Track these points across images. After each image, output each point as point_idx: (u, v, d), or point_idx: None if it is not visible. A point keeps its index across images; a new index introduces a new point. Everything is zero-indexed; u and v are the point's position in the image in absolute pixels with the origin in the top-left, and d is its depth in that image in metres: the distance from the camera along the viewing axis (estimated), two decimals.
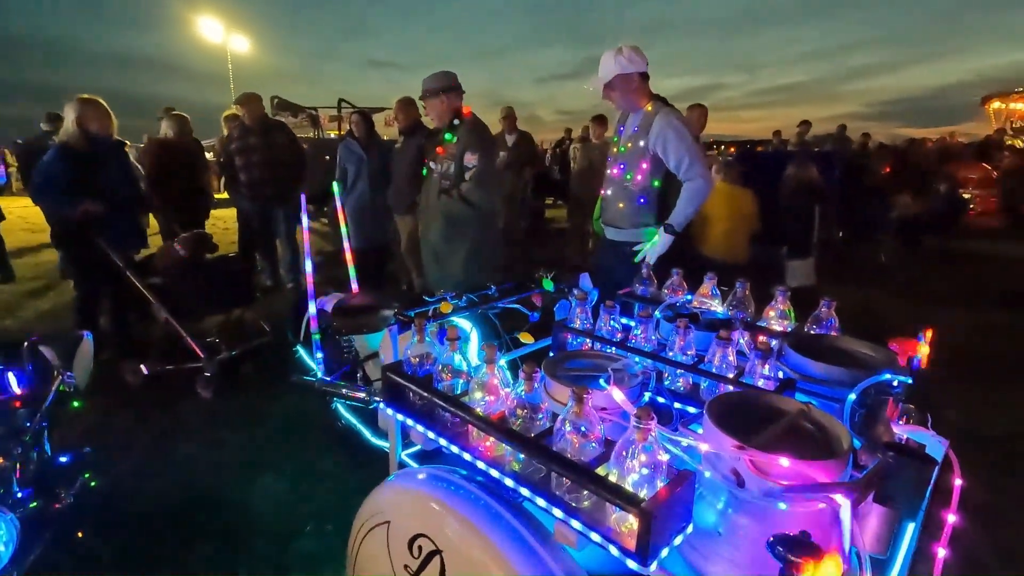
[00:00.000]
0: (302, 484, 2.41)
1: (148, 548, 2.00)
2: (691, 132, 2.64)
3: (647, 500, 0.82)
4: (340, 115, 9.57)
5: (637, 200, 2.69)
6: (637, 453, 0.87)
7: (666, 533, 0.84)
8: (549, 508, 0.95)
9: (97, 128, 3.23)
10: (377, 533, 1.21)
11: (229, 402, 3.14)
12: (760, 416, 1.01)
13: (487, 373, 1.11)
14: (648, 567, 0.82)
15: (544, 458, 0.95)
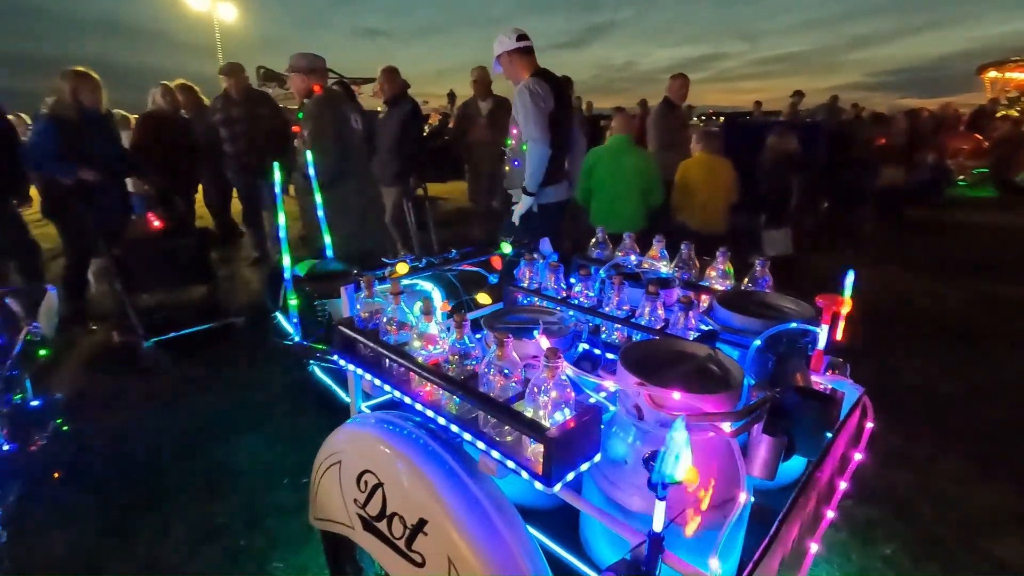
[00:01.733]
0: (279, 443, 2.52)
1: (124, 496, 2.12)
2: (539, 100, 2.89)
3: (552, 429, 0.92)
4: None
5: (513, 163, 3.10)
6: (547, 390, 0.96)
7: (570, 459, 0.94)
8: (474, 442, 1.05)
9: (89, 100, 3.32)
10: (332, 472, 1.32)
11: (213, 368, 3.24)
12: (671, 361, 1.10)
13: (425, 324, 1.20)
14: (552, 488, 0.92)
15: (467, 394, 1.04)
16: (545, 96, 2.90)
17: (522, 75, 2.97)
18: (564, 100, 3.10)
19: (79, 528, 1.93)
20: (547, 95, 2.91)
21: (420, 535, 1.07)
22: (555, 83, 3.02)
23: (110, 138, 3.56)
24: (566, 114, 3.15)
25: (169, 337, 3.29)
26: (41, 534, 1.61)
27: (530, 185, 2.98)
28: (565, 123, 3.11)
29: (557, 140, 2.99)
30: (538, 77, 2.95)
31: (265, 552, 1.89)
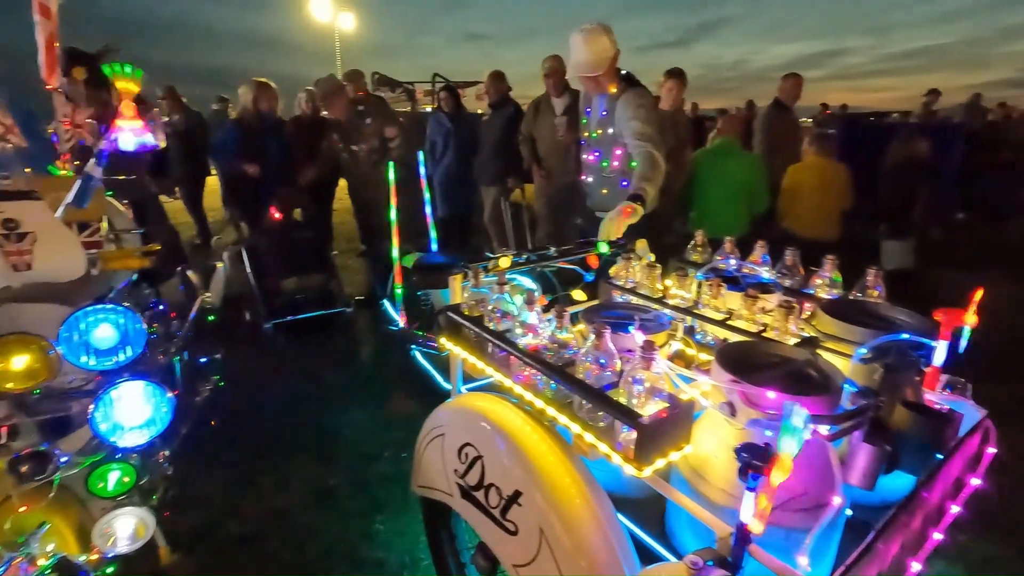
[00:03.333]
0: (382, 419, 2.75)
1: (253, 451, 2.43)
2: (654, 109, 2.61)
3: (646, 417, 0.97)
4: (434, 89, 9.95)
5: (620, 185, 2.67)
6: (641, 380, 1.01)
7: (661, 447, 0.99)
8: (569, 424, 1.12)
9: (266, 106, 3.83)
10: (435, 444, 1.45)
11: (330, 347, 3.57)
12: (767, 363, 1.11)
13: (528, 313, 1.29)
14: (642, 473, 0.98)
15: (565, 380, 1.11)
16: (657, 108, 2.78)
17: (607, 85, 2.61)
18: None
19: (221, 472, 2.25)
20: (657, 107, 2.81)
21: (515, 506, 1.16)
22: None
23: (281, 140, 4.04)
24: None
25: (287, 320, 3.67)
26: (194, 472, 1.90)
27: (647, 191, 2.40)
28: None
29: None
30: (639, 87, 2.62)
31: (369, 514, 2.09)
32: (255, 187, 3.81)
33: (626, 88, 2.58)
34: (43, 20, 2.01)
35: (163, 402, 1.21)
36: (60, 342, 1.15)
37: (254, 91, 3.87)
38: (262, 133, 3.84)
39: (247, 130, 3.84)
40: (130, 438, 1.17)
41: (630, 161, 2.61)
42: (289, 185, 3.87)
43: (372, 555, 1.91)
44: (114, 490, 1.26)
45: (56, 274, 1.25)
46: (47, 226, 1.21)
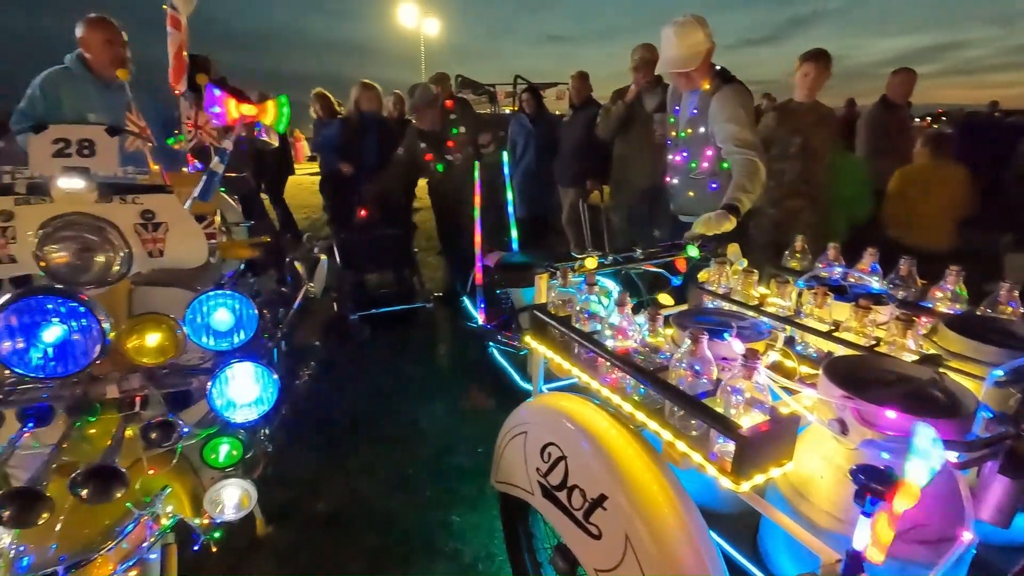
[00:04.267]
0: (459, 413, 2.81)
1: (339, 435, 2.56)
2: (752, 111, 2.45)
3: (746, 429, 0.93)
4: (515, 91, 10.03)
5: (708, 187, 2.53)
6: (742, 390, 0.97)
7: (762, 462, 0.94)
8: (659, 431, 1.09)
9: (368, 107, 4.05)
10: (517, 441, 1.46)
11: (410, 340, 3.70)
12: (883, 380, 1.03)
13: (618, 315, 1.27)
14: (740, 487, 0.93)
15: (657, 386, 1.08)
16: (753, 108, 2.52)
17: (701, 81, 2.48)
18: None
19: (309, 453, 2.39)
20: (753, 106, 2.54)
21: (599, 509, 1.14)
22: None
23: (379, 140, 4.19)
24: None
25: (371, 312, 3.83)
26: (287, 451, 2.02)
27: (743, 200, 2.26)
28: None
29: None
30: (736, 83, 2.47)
31: (445, 505, 2.14)
32: (351, 183, 4.02)
33: (721, 85, 2.45)
34: (174, 32, 2.22)
35: (270, 383, 1.29)
36: (185, 323, 1.26)
37: (357, 91, 4.08)
38: (361, 132, 4.04)
39: (348, 129, 4.06)
40: (241, 415, 1.27)
41: (721, 163, 2.50)
42: (378, 183, 4.03)
43: (449, 545, 1.95)
44: (224, 462, 1.37)
45: (183, 261, 1.37)
46: (178, 217, 1.33)
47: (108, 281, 1.28)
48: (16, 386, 1.18)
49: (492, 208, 3.39)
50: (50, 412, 1.19)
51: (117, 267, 1.27)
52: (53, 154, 1.29)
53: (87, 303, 1.11)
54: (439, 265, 5.54)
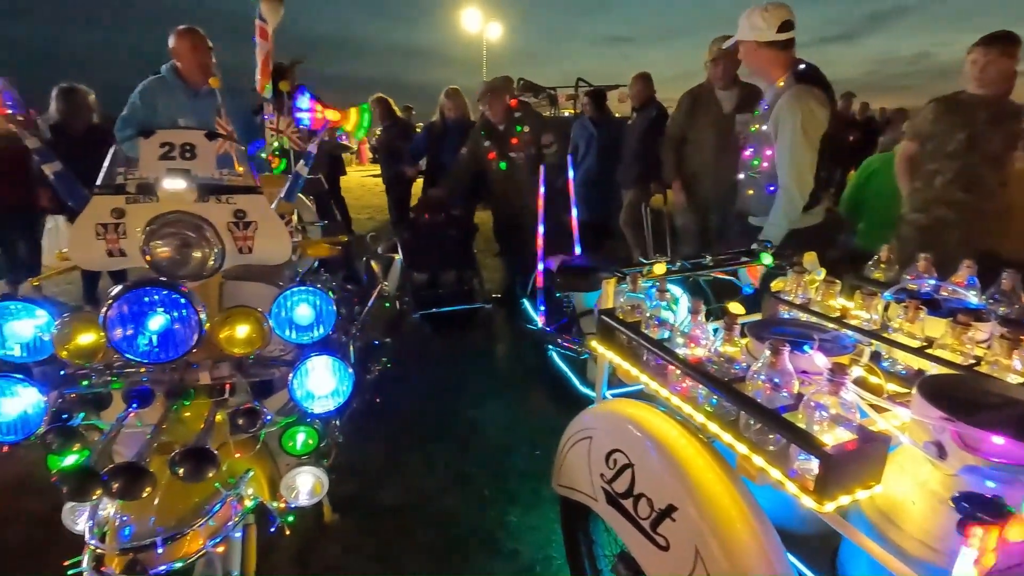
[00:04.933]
0: (518, 414, 2.82)
1: (401, 431, 2.62)
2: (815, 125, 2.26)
3: (832, 447, 0.88)
4: (576, 94, 10.01)
5: (766, 189, 2.41)
6: (827, 405, 0.92)
7: (847, 482, 0.89)
8: (734, 444, 1.06)
9: (451, 113, 4.19)
10: (580, 446, 1.45)
11: (469, 340, 3.76)
12: (988, 402, 0.96)
13: (691, 323, 1.24)
14: (824, 508, 0.89)
15: (734, 398, 1.05)
16: (824, 117, 2.29)
17: (773, 74, 2.36)
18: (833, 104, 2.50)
19: (374, 446, 2.46)
20: (825, 115, 2.30)
21: (667, 520, 1.12)
22: (827, 86, 2.39)
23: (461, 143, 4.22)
24: (838, 122, 2.61)
25: (432, 312, 3.91)
26: (354, 442, 2.09)
27: (774, 235, 2.29)
28: (839, 134, 2.69)
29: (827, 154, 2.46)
30: (810, 84, 2.29)
31: (503, 505, 2.16)
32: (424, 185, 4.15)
33: (792, 84, 2.33)
34: (262, 42, 2.36)
35: (346, 377, 1.35)
36: (271, 316, 1.34)
37: (443, 98, 4.23)
38: (442, 137, 4.16)
39: (432, 135, 4.20)
40: (319, 406, 1.33)
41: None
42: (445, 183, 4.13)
43: (507, 545, 1.96)
44: (301, 450, 1.44)
45: (269, 258, 1.45)
46: (266, 217, 1.41)
47: (203, 275, 1.37)
48: (123, 370, 1.29)
49: (553, 211, 3.39)
50: (151, 395, 1.29)
51: (212, 262, 1.36)
52: (159, 157, 1.40)
53: (187, 295, 1.20)
54: (497, 267, 5.59)
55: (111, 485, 1.04)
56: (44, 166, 1.38)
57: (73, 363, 1.24)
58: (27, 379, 1.17)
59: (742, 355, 1.16)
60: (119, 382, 1.27)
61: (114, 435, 1.19)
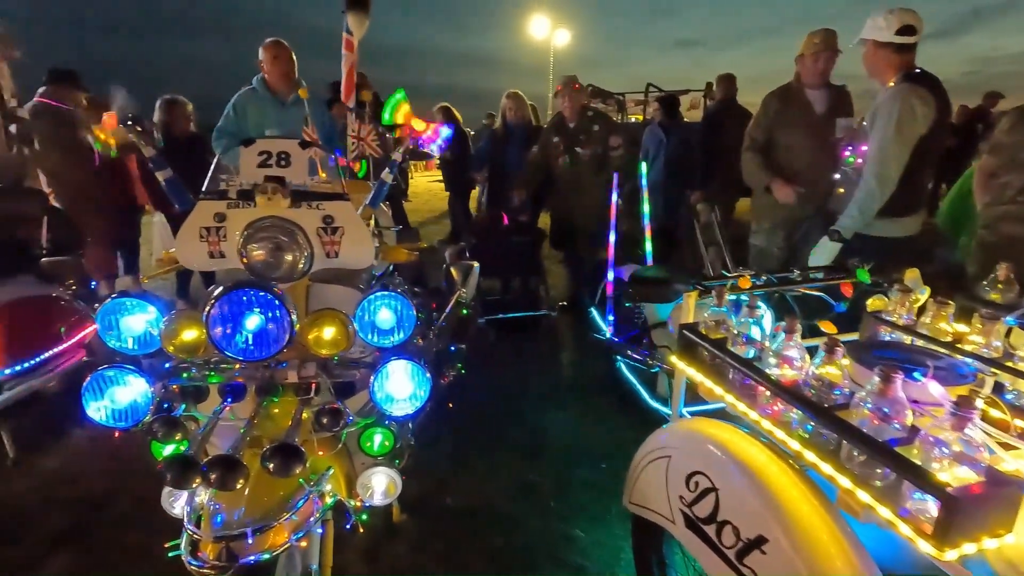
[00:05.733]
0: (584, 425, 2.78)
1: (466, 437, 2.64)
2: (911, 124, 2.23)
3: (956, 488, 0.80)
4: (646, 99, 9.84)
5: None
6: (949, 441, 0.84)
7: (973, 529, 0.81)
8: (835, 477, 0.99)
9: (512, 117, 4.22)
10: (658, 465, 1.40)
11: (534, 347, 3.75)
12: None
13: (785, 342, 1.17)
14: (944, 556, 0.81)
15: (840, 429, 0.98)
16: (924, 116, 2.23)
17: (887, 76, 2.35)
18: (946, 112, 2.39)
19: (441, 448, 2.49)
20: (926, 115, 2.24)
21: (756, 551, 1.06)
22: (940, 92, 2.32)
23: (525, 147, 4.30)
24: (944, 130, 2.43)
25: (497, 317, 3.93)
26: (423, 445, 2.13)
27: (845, 225, 2.31)
28: (940, 141, 2.44)
29: (927, 159, 2.38)
30: (917, 84, 2.24)
31: (569, 517, 2.13)
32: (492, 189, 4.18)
33: (899, 82, 2.28)
34: (347, 54, 2.46)
35: (424, 382, 1.37)
36: (355, 319, 1.38)
37: (504, 102, 4.25)
38: (504, 142, 4.18)
39: (495, 140, 4.23)
40: (398, 408, 1.36)
41: None
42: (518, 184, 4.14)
43: (572, 559, 1.93)
44: (378, 451, 1.47)
45: (354, 262, 1.50)
46: (352, 223, 1.46)
47: (293, 278, 1.43)
48: (219, 365, 1.36)
49: (622, 218, 3.33)
50: (243, 391, 1.36)
51: (301, 265, 1.42)
52: (258, 164, 1.48)
53: (281, 297, 1.25)
54: (561, 273, 5.56)
55: (209, 475, 1.10)
56: (157, 173, 1.50)
57: (177, 357, 1.32)
58: (137, 370, 1.26)
59: (845, 380, 1.08)
60: (216, 376, 1.35)
61: (211, 427, 1.26)
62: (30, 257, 2.81)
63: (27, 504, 2.19)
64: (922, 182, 2.51)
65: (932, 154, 2.41)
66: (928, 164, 2.43)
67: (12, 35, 3.08)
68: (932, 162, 2.47)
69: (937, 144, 2.42)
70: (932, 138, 2.30)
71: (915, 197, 2.44)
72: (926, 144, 2.30)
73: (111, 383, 1.24)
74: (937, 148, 2.44)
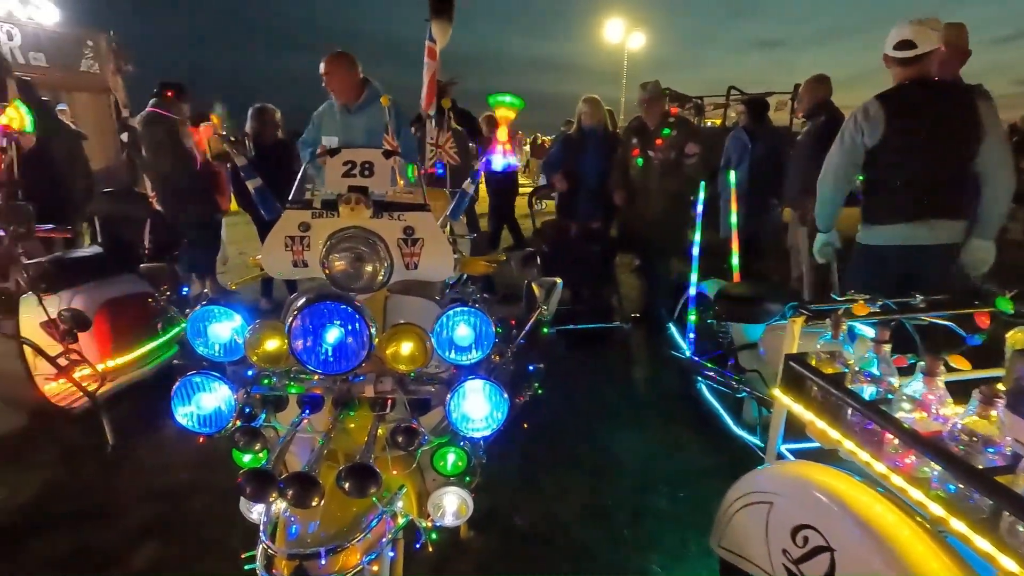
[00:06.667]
0: (658, 448, 2.62)
1: (542, 450, 2.55)
2: (850, 132, 2.38)
3: None
4: (727, 102, 9.42)
5: None
6: None
7: None
8: (994, 555, 0.82)
9: (589, 121, 4.12)
10: (756, 510, 1.26)
11: (606, 361, 3.62)
12: None
13: (923, 386, 1.01)
14: None
15: (999, 496, 0.82)
16: (870, 127, 2.32)
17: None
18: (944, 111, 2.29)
19: (510, 464, 2.40)
20: (874, 125, 2.31)
21: None
22: (906, 104, 2.32)
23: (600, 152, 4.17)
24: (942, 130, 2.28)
25: (567, 328, 3.82)
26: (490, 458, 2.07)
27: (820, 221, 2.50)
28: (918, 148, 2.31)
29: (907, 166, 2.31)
30: (878, 98, 2.34)
31: (645, 549, 1.99)
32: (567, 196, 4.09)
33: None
34: (430, 61, 2.45)
35: (501, 404, 1.30)
36: (433, 334, 1.33)
37: (582, 108, 4.12)
38: (579, 147, 4.07)
39: (569, 145, 4.13)
40: (473, 430, 1.30)
41: None
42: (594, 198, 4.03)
43: None
44: (451, 470, 1.42)
45: (433, 274, 1.46)
46: (433, 234, 1.42)
47: (373, 288, 1.41)
48: (299, 375, 1.36)
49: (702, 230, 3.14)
50: (321, 402, 1.35)
51: (381, 277, 1.40)
52: (342, 175, 1.47)
53: (361, 310, 1.22)
54: (633, 283, 5.38)
55: (287, 492, 1.08)
56: (248, 182, 1.52)
57: (259, 366, 1.32)
58: (222, 377, 1.27)
59: (1004, 439, 0.91)
60: (295, 387, 1.34)
61: (289, 439, 1.25)
62: (134, 257, 3.02)
63: (121, 491, 2.32)
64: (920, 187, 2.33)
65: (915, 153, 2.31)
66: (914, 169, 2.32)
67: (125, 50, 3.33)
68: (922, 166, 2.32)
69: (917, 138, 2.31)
70: (889, 149, 2.32)
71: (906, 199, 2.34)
72: (887, 154, 2.34)
73: (198, 389, 1.26)
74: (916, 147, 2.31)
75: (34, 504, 2.25)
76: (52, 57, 6.65)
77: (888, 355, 1.14)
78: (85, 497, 2.29)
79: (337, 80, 3.19)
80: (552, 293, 1.66)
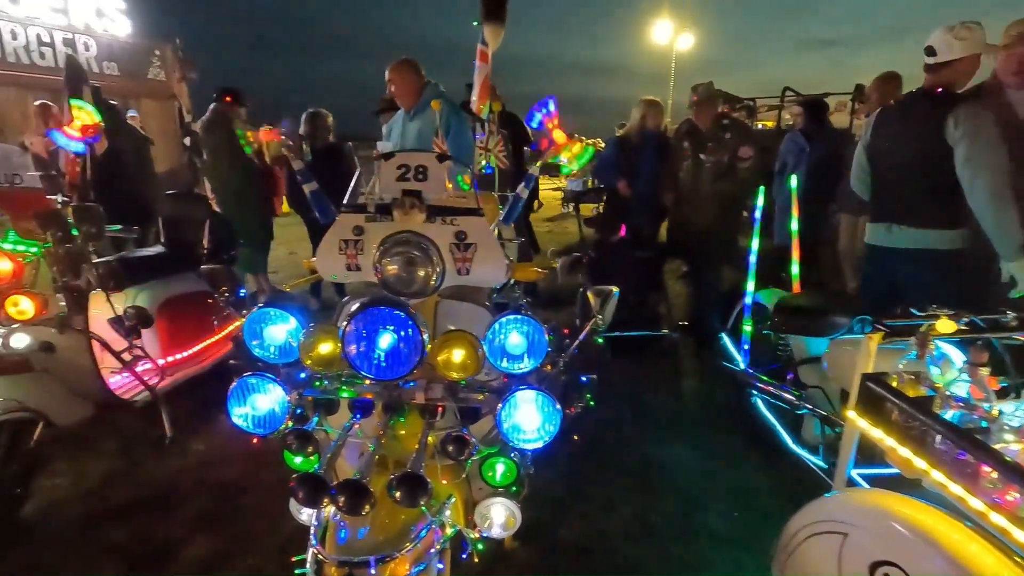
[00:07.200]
0: (709, 463, 2.52)
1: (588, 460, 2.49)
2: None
3: None
4: (782, 104, 9.09)
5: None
6: None
7: None
8: None
9: (651, 124, 4.02)
10: (827, 540, 1.18)
11: (654, 370, 3.52)
12: None
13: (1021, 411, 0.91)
14: None
15: None
16: (864, 131, 2.58)
17: None
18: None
19: (554, 474, 2.34)
20: (866, 129, 2.54)
21: None
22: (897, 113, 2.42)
23: (659, 157, 4.06)
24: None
25: (614, 335, 3.73)
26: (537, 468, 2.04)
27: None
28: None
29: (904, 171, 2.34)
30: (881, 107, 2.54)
31: (696, 571, 1.91)
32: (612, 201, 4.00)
33: None
34: (482, 65, 2.44)
35: (554, 416, 1.26)
36: (484, 341, 1.30)
37: (642, 110, 4.01)
38: (638, 150, 3.96)
39: (625, 147, 4.03)
40: (525, 441, 1.26)
41: None
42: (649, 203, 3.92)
43: None
44: (500, 481, 1.39)
45: (484, 280, 1.44)
46: (485, 239, 1.39)
47: (425, 293, 1.39)
48: (351, 379, 1.35)
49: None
50: (372, 407, 1.34)
51: (433, 281, 1.38)
52: (396, 178, 1.46)
53: (414, 316, 1.21)
54: (680, 290, 5.23)
55: (338, 499, 1.07)
56: (304, 186, 1.54)
57: (312, 369, 1.33)
58: (276, 379, 1.28)
59: None
60: (347, 390, 1.34)
61: (340, 444, 1.24)
62: (195, 256, 3.13)
63: (177, 482, 2.40)
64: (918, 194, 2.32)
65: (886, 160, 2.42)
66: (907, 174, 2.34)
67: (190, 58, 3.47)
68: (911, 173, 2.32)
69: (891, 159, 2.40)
70: (870, 154, 2.48)
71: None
72: (884, 159, 2.43)
73: (253, 390, 1.28)
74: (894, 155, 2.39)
75: (97, 492, 2.36)
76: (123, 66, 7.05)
77: (984, 379, 1.04)
78: (144, 486, 2.38)
79: (398, 86, 3.26)
80: (608, 302, 1.60)
